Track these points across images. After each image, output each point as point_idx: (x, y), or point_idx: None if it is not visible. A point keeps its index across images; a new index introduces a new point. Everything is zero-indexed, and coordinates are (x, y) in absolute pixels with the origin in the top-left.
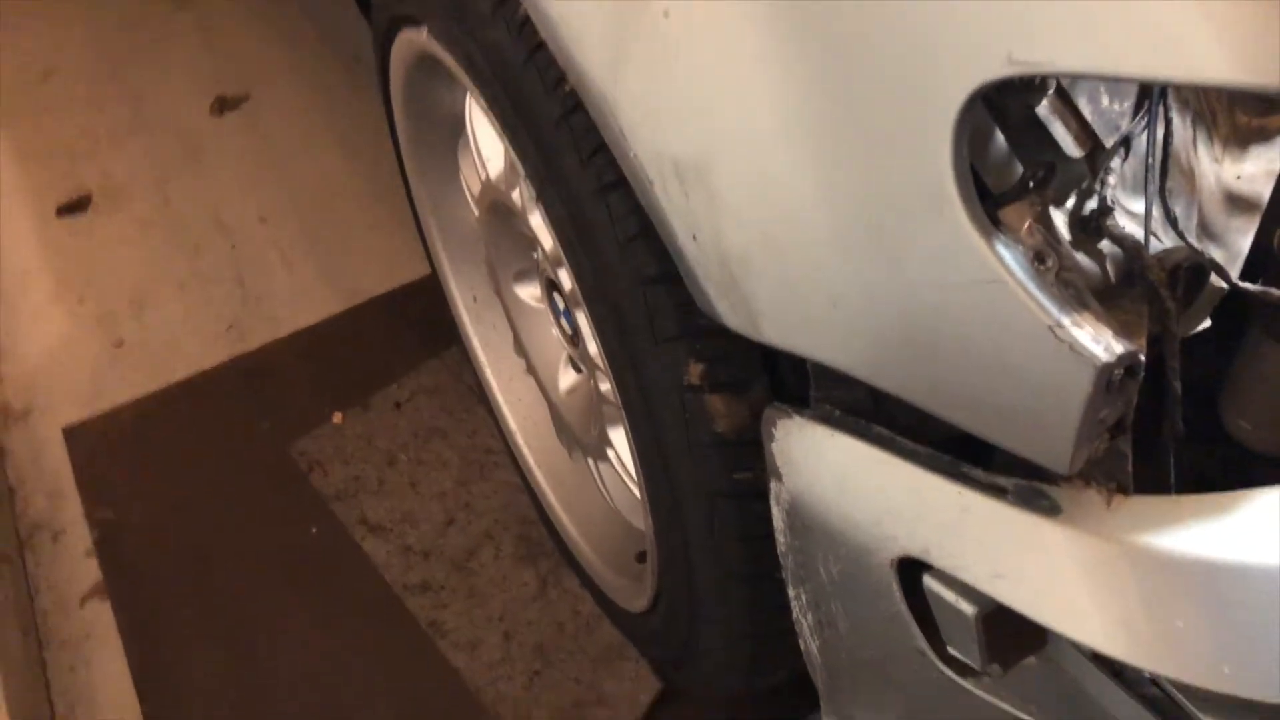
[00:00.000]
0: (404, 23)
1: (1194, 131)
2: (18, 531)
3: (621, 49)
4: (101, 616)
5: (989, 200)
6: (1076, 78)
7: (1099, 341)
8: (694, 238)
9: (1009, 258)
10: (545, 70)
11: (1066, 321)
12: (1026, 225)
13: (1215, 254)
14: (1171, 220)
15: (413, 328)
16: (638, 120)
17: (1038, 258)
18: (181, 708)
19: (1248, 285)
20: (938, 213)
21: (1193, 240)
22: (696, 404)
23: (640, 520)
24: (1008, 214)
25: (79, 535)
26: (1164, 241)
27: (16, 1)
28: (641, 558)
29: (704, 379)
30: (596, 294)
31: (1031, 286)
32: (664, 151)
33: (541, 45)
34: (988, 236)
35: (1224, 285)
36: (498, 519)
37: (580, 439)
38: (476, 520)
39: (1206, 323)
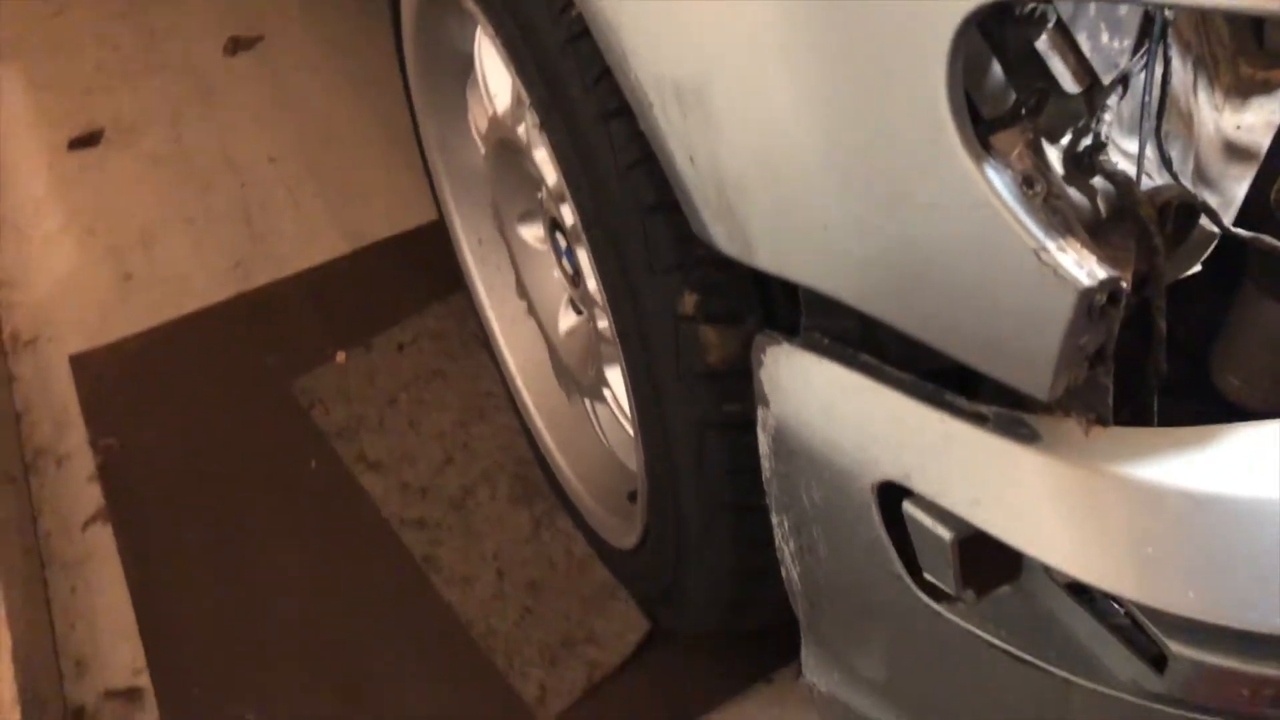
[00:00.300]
0: None
1: (1195, 77)
2: (23, 455)
3: None
4: (102, 540)
5: (981, 125)
6: (1073, 1)
7: (1082, 266)
8: (691, 160)
9: (998, 181)
10: None
11: (1051, 246)
12: (1017, 151)
13: (1210, 200)
14: (1166, 161)
15: (418, 272)
16: (639, 42)
17: (1026, 182)
18: (179, 630)
19: (1239, 230)
20: (930, 136)
21: (1186, 183)
22: (690, 335)
23: (633, 461)
24: (999, 139)
25: (83, 461)
26: (1157, 182)
27: None
28: (633, 497)
29: (698, 310)
30: (596, 223)
31: (1019, 210)
32: (664, 74)
33: None
34: (978, 160)
35: (1215, 230)
36: (495, 460)
37: (578, 380)
38: (474, 461)
39: (1197, 268)
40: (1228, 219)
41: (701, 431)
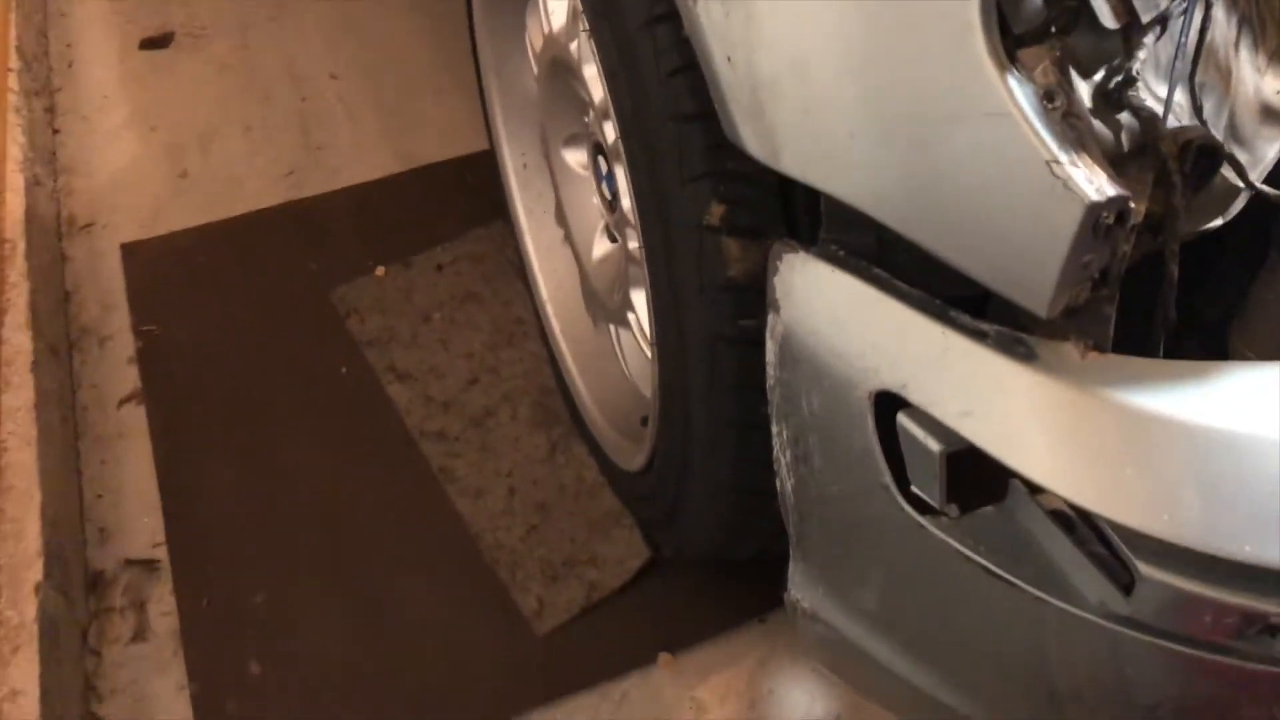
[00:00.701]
0: None
1: (1239, 35)
2: (68, 332)
3: None
4: (135, 420)
5: (1010, 38)
6: None
7: (1092, 182)
8: (729, 59)
9: (1019, 92)
10: None
11: (1064, 159)
12: (1041, 66)
13: (1240, 157)
14: (1197, 108)
15: (464, 197)
16: None
17: (1047, 96)
18: (199, 510)
19: (1265, 188)
20: (958, 42)
21: (1218, 135)
22: (713, 246)
23: (649, 388)
24: (1026, 54)
25: (124, 344)
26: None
27: None
28: (645, 422)
29: (724, 221)
30: (634, 130)
31: (1036, 121)
32: None
33: None
34: (1002, 70)
35: (1240, 185)
36: (519, 385)
37: (605, 305)
38: (499, 383)
39: (1218, 221)
40: (1255, 178)
41: (715, 345)
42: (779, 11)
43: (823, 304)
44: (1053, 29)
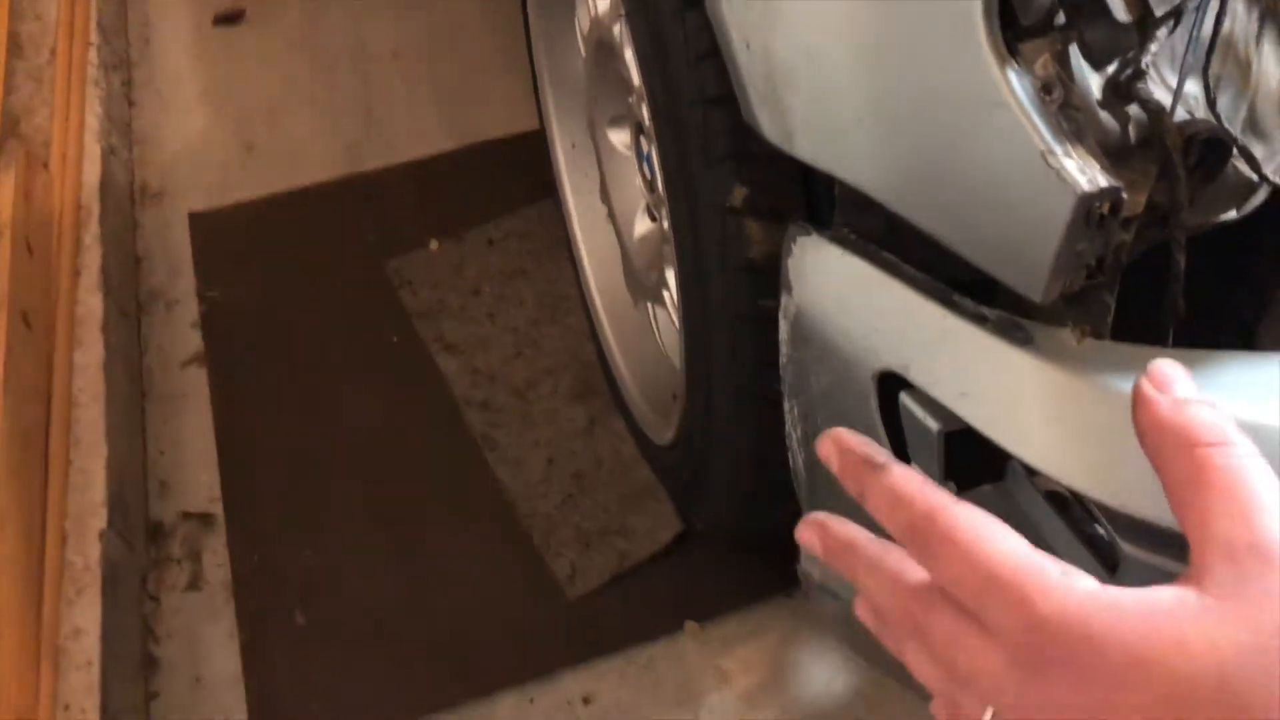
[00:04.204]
0: None
1: (1261, 28)
2: (138, 295)
3: None
4: (197, 381)
5: (1013, 31)
6: None
7: (1085, 172)
8: (747, 46)
9: (1017, 84)
10: None
11: (1059, 150)
12: (1042, 60)
13: (1257, 150)
14: (1210, 101)
15: (517, 175)
16: None
17: (1045, 89)
18: (253, 468)
19: (1278, 180)
20: (962, 34)
21: (1235, 130)
22: (735, 227)
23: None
24: (1027, 47)
25: (188, 308)
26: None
27: None
28: (676, 398)
29: (746, 203)
30: (664, 112)
31: (1032, 113)
32: None
33: None
34: (1002, 62)
35: (1255, 178)
36: (561, 359)
37: (643, 284)
38: (542, 357)
39: (1233, 214)
40: (1275, 172)
41: (736, 323)
42: (795, 3)
43: (832, 286)
44: (1056, 21)
